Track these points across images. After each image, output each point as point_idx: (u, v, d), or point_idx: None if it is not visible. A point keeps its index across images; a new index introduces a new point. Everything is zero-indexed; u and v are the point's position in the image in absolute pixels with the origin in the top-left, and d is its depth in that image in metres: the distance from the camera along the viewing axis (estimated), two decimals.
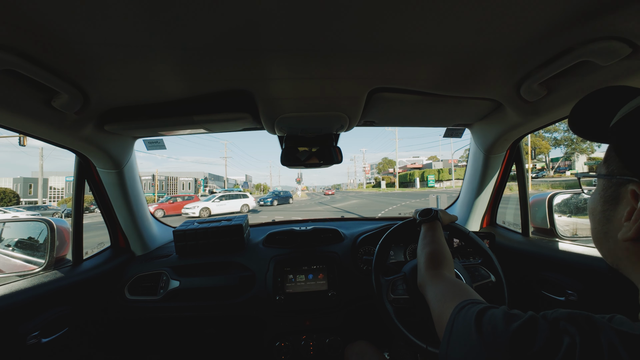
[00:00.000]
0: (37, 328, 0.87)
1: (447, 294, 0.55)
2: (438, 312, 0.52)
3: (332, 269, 1.24)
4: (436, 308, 0.54)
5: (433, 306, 0.56)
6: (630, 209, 0.34)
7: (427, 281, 0.65)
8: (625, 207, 0.35)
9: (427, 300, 0.60)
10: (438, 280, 0.62)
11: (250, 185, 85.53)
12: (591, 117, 0.43)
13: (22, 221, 1.92)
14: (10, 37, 0.53)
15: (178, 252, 1.31)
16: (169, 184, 41.50)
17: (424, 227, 0.89)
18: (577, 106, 0.44)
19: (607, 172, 0.38)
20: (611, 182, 0.37)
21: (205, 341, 1.42)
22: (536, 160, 33.11)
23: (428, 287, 0.63)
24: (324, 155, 1.21)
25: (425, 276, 0.67)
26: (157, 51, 0.61)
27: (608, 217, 0.38)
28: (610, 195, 0.38)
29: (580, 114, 0.44)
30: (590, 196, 0.43)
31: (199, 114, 0.93)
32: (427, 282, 0.64)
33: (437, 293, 0.57)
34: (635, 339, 0.29)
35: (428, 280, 0.65)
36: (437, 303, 0.54)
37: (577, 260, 0.96)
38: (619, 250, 0.37)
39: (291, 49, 0.62)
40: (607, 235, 0.38)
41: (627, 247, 0.35)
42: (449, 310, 0.46)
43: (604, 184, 0.39)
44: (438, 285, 0.60)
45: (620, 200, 0.36)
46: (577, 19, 0.53)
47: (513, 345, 0.33)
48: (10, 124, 0.78)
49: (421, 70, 0.74)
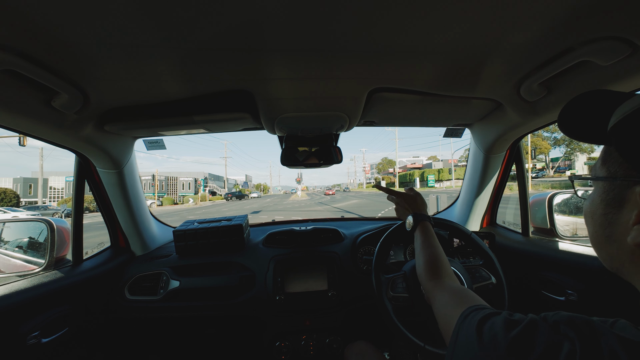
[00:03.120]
0: (37, 328, 0.87)
1: (450, 303, 0.55)
2: (444, 324, 0.52)
3: (332, 269, 1.24)
4: (443, 321, 0.54)
5: (440, 319, 0.56)
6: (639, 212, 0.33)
7: (430, 294, 0.66)
8: (632, 209, 0.34)
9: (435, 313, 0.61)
10: (440, 291, 0.63)
11: (250, 185, 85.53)
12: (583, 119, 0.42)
13: (22, 221, 1.92)
14: (10, 37, 0.53)
15: (178, 252, 1.31)
16: (169, 184, 41.51)
17: (416, 234, 0.87)
18: (566, 108, 0.43)
19: (608, 174, 0.37)
20: (614, 185, 0.36)
21: (205, 341, 1.42)
22: (536, 160, 33.12)
23: (433, 299, 0.64)
24: (324, 155, 1.21)
25: (428, 288, 0.68)
26: (157, 51, 0.61)
27: (611, 220, 0.37)
28: (612, 198, 0.36)
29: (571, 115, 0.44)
30: (587, 198, 0.42)
31: (199, 114, 0.93)
32: (431, 295, 0.65)
33: (441, 305, 0.58)
34: (637, 346, 0.29)
35: (431, 291, 0.66)
36: (443, 316, 0.55)
37: (577, 260, 0.96)
38: (623, 254, 0.36)
39: (291, 49, 0.62)
40: (610, 238, 0.37)
41: (632, 251, 0.34)
42: (454, 319, 0.46)
43: (605, 186, 0.38)
44: (442, 296, 0.60)
45: (624, 203, 0.35)
46: (577, 19, 0.53)
47: (511, 354, 0.33)
48: (10, 124, 0.78)
49: (421, 70, 0.74)
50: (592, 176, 0.40)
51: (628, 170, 0.34)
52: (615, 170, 0.36)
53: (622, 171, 0.35)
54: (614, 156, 0.36)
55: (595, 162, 0.41)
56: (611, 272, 0.39)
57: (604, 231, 0.38)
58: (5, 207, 19.72)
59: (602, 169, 0.38)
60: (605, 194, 0.37)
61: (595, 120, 0.40)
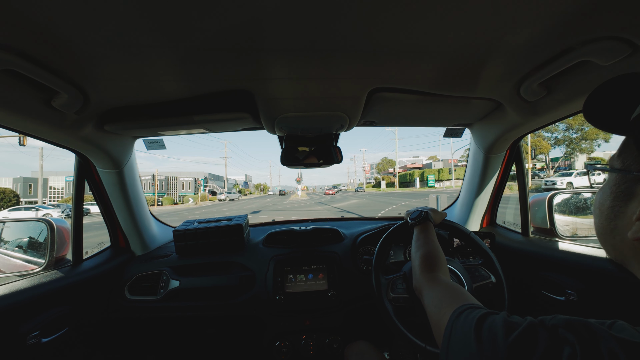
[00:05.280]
0: (37, 328, 0.87)
1: (444, 298, 0.54)
2: (436, 317, 0.51)
3: (332, 268, 1.24)
4: (433, 313, 0.53)
5: (430, 310, 0.55)
6: None
7: (423, 285, 0.65)
8: (638, 204, 0.34)
9: (424, 305, 0.60)
10: (434, 284, 0.62)
11: (250, 185, 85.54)
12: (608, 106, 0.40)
13: (22, 221, 1.92)
14: (10, 37, 0.53)
15: (178, 252, 1.31)
16: (169, 184, 41.46)
17: (416, 230, 0.89)
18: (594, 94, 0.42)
19: (623, 167, 0.36)
20: (626, 178, 0.36)
21: (205, 341, 1.42)
22: (536, 160, 33.08)
23: (424, 290, 0.62)
24: (324, 155, 1.21)
25: (421, 280, 0.67)
26: (157, 51, 0.61)
27: (617, 213, 0.37)
28: (622, 191, 0.36)
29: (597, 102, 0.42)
30: (599, 190, 0.41)
31: (199, 113, 0.93)
32: (424, 286, 0.64)
33: (433, 297, 0.57)
34: (636, 347, 0.29)
35: (424, 283, 0.65)
36: (434, 308, 0.54)
37: (577, 260, 0.96)
38: (626, 248, 0.36)
39: (291, 49, 0.62)
40: (614, 231, 0.37)
41: (635, 245, 0.34)
42: (447, 315, 0.46)
43: (617, 178, 0.37)
44: (434, 289, 0.60)
45: (633, 197, 0.34)
46: (577, 19, 0.53)
47: (511, 357, 0.33)
48: (10, 124, 0.78)
49: (421, 70, 0.74)
50: (608, 167, 0.39)
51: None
52: (629, 164, 0.35)
53: (636, 165, 0.34)
54: (631, 149, 0.36)
55: (613, 155, 0.40)
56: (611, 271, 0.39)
57: (609, 223, 0.38)
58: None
59: (618, 160, 0.37)
60: (616, 186, 0.37)
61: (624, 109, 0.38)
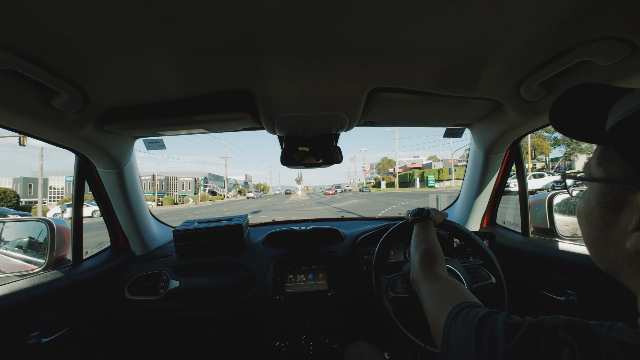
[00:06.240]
0: (37, 328, 0.87)
1: (443, 294, 0.54)
2: (433, 313, 0.51)
3: (332, 268, 1.24)
4: (431, 309, 0.52)
5: (427, 306, 0.54)
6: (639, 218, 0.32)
7: (421, 279, 0.64)
8: (631, 214, 0.33)
9: (421, 299, 0.60)
10: (433, 279, 0.61)
11: (250, 185, 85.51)
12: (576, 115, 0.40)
13: (22, 221, 1.92)
14: (10, 37, 0.53)
15: (178, 252, 1.31)
16: (169, 184, 41.47)
17: (417, 226, 0.89)
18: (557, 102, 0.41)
19: (607, 176, 0.35)
20: (613, 187, 0.34)
21: (205, 341, 1.42)
22: (536, 160, 33.09)
23: (422, 285, 0.62)
24: (324, 155, 1.21)
25: (420, 274, 0.66)
26: (157, 51, 0.61)
27: (607, 223, 0.35)
28: (610, 200, 0.35)
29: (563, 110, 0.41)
30: (582, 197, 0.40)
31: (199, 113, 0.93)
32: (421, 280, 0.63)
33: (432, 293, 0.56)
34: (636, 350, 0.28)
35: (422, 278, 0.64)
36: (432, 304, 0.53)
37: (577, 260, 0.96)
38: (620, 258, 0.35)
39: (291, 49, 0.62)
40: (607, 241, 0.36)
41: (631, 255, 0.33)
42: (445, 312, 0.45)
43: (603, 188, 0.36)
44: (433, 284, 0.59)
45: (623, 206, 0.33)
46: (577, 19, 0.53)
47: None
48: (10, 124, 0.78)
49: (421, 70, 0.74)
50: (587, 176, 0.38)
51: (630, 173, 0.32)
52: (615, 173, 0.34)
53: (623, 174, 0.33)
54: (613, 157, 0.35)
55: (588, 161, 0.39)
56: None
57: (600, 233, 0.37)
58: None
59: (599, 169, 0.36)
60: (602, 196, 0.36)
61: (590, 117, 0.38)
